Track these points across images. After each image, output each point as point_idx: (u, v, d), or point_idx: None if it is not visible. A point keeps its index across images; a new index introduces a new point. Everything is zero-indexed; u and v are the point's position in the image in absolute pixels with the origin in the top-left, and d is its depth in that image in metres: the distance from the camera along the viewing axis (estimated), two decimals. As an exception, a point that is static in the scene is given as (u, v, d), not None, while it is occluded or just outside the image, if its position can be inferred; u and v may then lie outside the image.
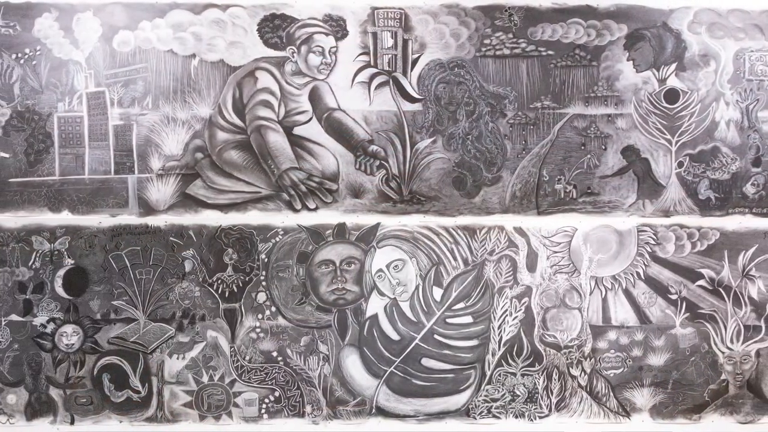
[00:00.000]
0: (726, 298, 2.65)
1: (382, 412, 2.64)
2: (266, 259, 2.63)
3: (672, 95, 2.67)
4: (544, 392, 2.65)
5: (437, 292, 2.65)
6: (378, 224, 2.64)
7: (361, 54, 2.66)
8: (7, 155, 2.63)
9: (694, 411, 2.66)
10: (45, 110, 2.64)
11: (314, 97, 2.67)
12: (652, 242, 2.65)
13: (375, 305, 2.64)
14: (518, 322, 2.65)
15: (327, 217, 2.65)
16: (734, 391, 2.66)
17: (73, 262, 2.63)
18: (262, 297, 2.63)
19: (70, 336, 2.62)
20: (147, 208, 2.64)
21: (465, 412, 2.65)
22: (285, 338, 2.63)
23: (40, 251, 2.62)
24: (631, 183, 2.67)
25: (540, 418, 2.66)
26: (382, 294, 2.64)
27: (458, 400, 2.64)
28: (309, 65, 2.66)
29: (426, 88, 2.66)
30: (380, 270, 2.64)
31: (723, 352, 2.65)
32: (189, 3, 2.64)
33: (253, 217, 2.65)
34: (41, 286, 2.62)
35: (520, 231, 2.65)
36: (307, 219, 2.65)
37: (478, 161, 2.67)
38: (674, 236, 2.65)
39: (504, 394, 2.65)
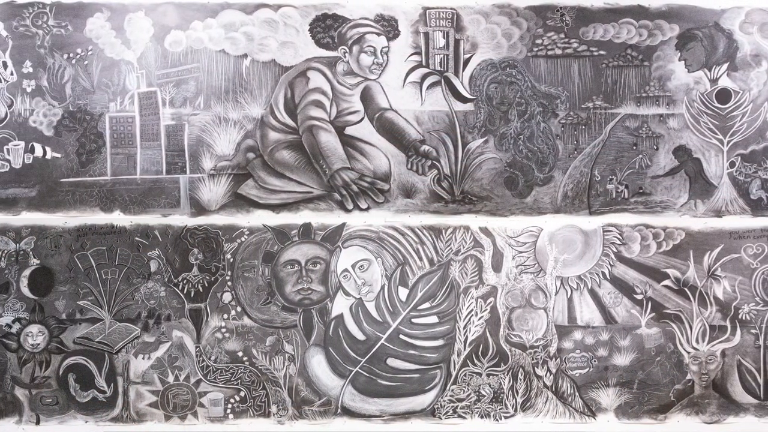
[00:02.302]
0: (691, 298, 2.64)
1: (348, 412, 2.63)
2: (231, 259, 2.63)
3: (724, 95, 2.67)
4: (510, 392, 2.64)
5: (403, 292, 2.64)
6: (343, 224, 2.64)
7: (412, 54, 2.66)
8: (58, 155, 2.63)
9: (659, 411, 2.66)
10: (97, 110, 2.64)
11: (366, 97, 2.67)
12: (618, 242, 2.65)
13: (340, 305, 2.64)
14: (484, 322, 2.65)
15: (379, 217, 2.65)
16: (700, 391, 2.65)
17: (38, 262, 2.62)
18: (227, 297, 2.63)
19: (35, 336, 2.61)
20: (199, 208, 2.64)
21: (430, 412, 2.64)
22: (250, 338, 2.63)
23: (6, 251, 2.62)
24: (682, 183, 2.67)
25: (505, 418, 2.65)
26: (347, 294, 2.64)
27: (424, 400, 2.64)
28: (361, 65, 2.67)
29: (478, 88, 2.66)
30: (346, 270, 2.63)
31: (688, 352, 2.64)
32: (241, 3, 2.65)
33: (306, 217, 2.65)
34: (6, 286, 2.61)
35: (485, 231, 2.65)
36: (360, 219, 2.64)
37: (530, 161, 2.67)
38: (639, 236, 2.65)
39: (469, 394, 2.64)
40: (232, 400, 2.63)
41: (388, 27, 2.66)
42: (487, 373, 2.64)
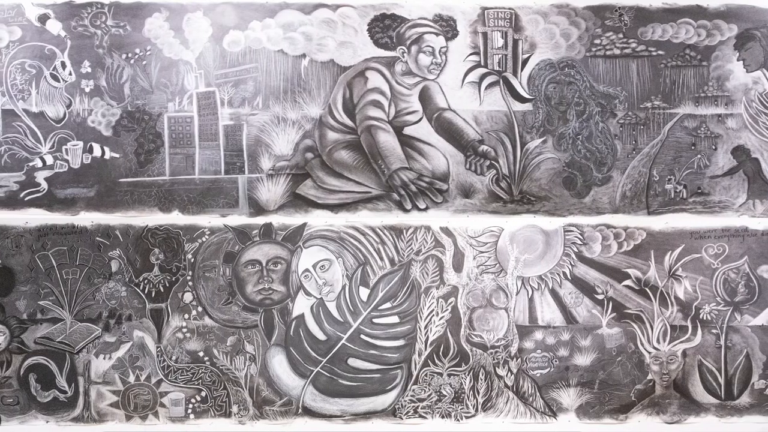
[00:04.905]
0: (652, 298, 2.64)
1: (309, 412, 2.63)
2: (193, 259, 2.62)
3: (782, 95, 2.68)
4: (471, 392, 2.64)
5: (364, 292, 2.64)
6: (304, 224, 2.63)
7: (471, 54, 2.66)
8: (117, 155, 2.63)
9: (620, 411, 2.66)
10: (155, 110, 2.64)
11: (424, 97, 2.67)
12: (579, 242, 2.65)
13: (301, 305, 2.63)
14: (445, 322, 2.64)
15: (437, 216, 2.64)
16: (661, 391, 2.65)
17: (-1, 261, 2.63)
18: (188, 297, 2.62)
19: (-5, 336, 2.61)
20: (257, 208, 2.64)
21: (391, 412, 2.64)
22: (211, 338, 2.62)
23: (-35, 251, 2.62)
24: (741, 183, 2.67)
25: (466, 418, 2.64)
26: (308, 294, 2.63)
27: (385, 400, 2.64)
28: (419, 65, 2.66)
29: (536, 88, 2.66)
30: (307, 270, 2.63)
31: (649, 352, 2.64)
32: (299, 3, 2.65)
33: (365, 217, 2.65)
34: (-33, 287, 2.62)
35: (446, 231, 2.65)
36: (417, 219, 2.64)
37: (589, 161, 2.66)
38: (601, 236, 2.65)
39: (430, 394, 2.64)
40: (193, 400, 2.62)
41: (447, 27, 2.66)
42: (448, 373, 2.64)
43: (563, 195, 2.67)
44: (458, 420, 2.64)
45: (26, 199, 2.61)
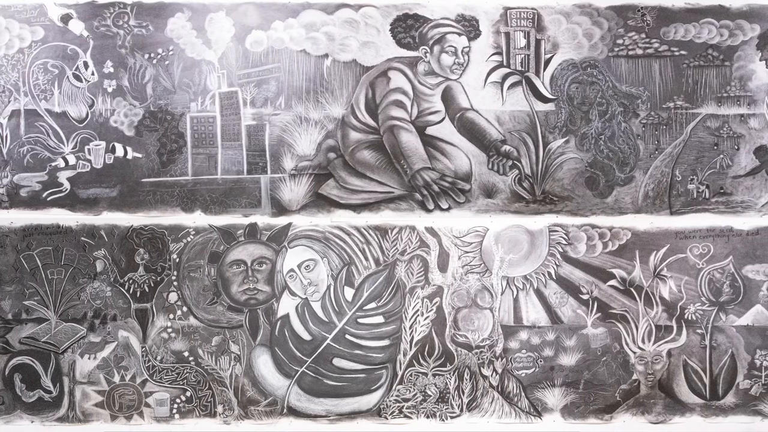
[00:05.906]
0: (637, 298, 2.64)
1: (294, 412, 2.63)
2: (177, 259, 2.62)
3: (805, 95, 2.67)
4: (456, 392, 2.64)
5: (349, 292, 2.64)
6: (289, 224, 2.63)
7: (493, 54, 2.66)
8: (139, 155, 2.63)
9: (605, 411, 2.66)
10: (178, 110, 2.64)
11: (447, 97, 2.67)
12: (564, 242, 2.65)
13: (286, 305, 2.63)
14: (430, 322, 2.64)
15: (460, 217, 2.64)
16: (646, 391, 2.65)
17: (-17, 262, 2.62)
18: (173, 297, 2.62)
19: (-20, 336, 2.61)
20: (280, 208, 2.64)
21: (376, 412, 2.64)
22: (196, 338, 2.62)
23: (-51, 252, 2.62)
24: (764, 183, 2.67)
25: (451, 418, 2.64)
26: (293, 294, 2.63)
27: (370, 400, 2.64)
28: (442, 65, 2.66)
29: (559, 88, 2.66)
30: (291, 270, 2.63)
31: (634, 352, 2.64)
32: (322, 3, 2.65)
33: (387, 217, 2.64)
34: (-49, 287, 2.62)
35: (431, 231, 2.65)
36: (440, 219, 2.64)
37: (611, 161, 2.66)
38: (586, 236, 2.65)
39: (415, 394, 2.64)
40: (178, 400, 2.63)
41: (469, 27, 2.66)
42: (433, 373, 2.64)
43: (586, 195, 2.66)
44: (443, 420, 2.64)
45: (49, 199, 2.61)
